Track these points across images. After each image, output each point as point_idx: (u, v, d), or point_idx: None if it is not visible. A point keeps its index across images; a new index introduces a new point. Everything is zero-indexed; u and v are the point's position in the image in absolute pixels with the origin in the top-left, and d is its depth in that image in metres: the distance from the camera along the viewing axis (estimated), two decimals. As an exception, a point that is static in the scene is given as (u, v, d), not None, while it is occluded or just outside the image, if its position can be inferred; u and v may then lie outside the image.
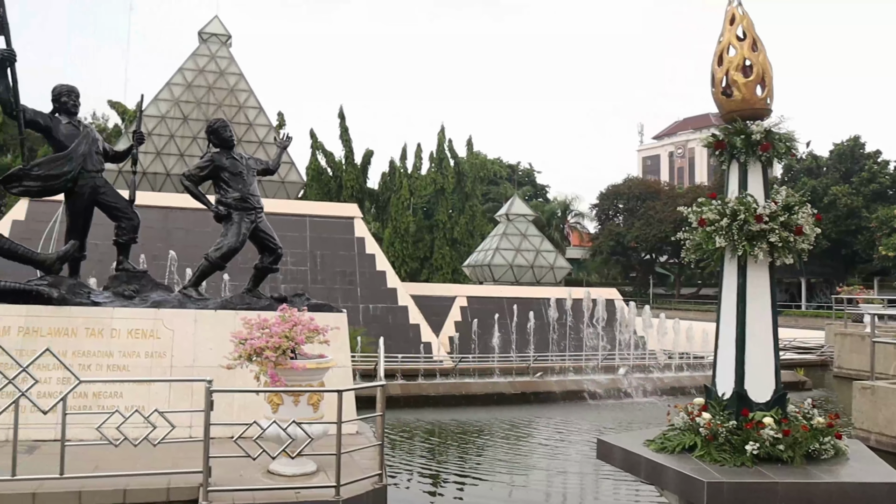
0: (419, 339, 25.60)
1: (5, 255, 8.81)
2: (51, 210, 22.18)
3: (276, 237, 9.46)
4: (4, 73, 8.63)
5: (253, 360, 6.44)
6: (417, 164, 56.07)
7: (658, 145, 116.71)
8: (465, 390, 19.03)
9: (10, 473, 6.04)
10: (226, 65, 34.51)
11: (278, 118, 51.39)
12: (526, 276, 37.90)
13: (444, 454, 13.66)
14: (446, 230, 54.24)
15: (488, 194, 67.31)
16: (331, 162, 54.30)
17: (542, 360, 24.30)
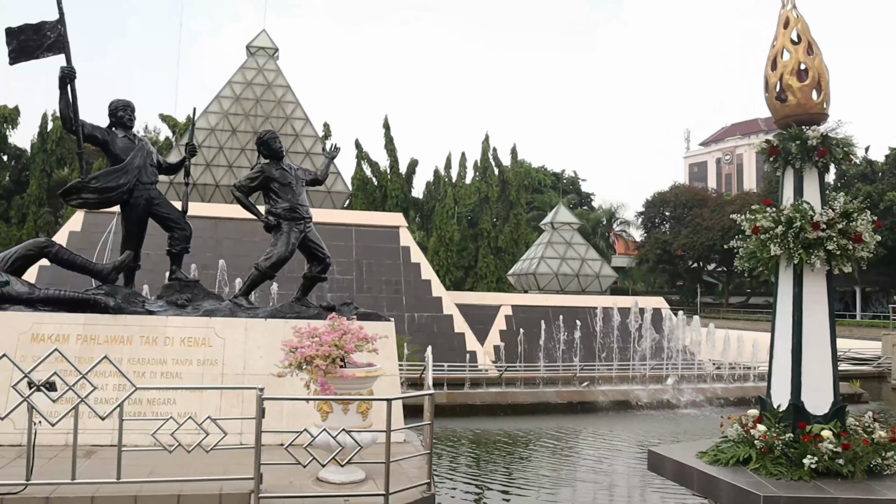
0: (464, 348, 25.57)
1: (65, 265, 9.09)
2: (105, 221, 22.78)
3: (324, 247, 9.55)
4: (65, 89, 8.92)
5: (303, 368, 6.50)
6: (462, 173, 56.20)
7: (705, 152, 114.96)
8: (510, 399, 18.93)
9: (70, 477, 6.19)
10: (273, 77, 35.08)
11: (324, 129, 52.05)
12: (571, 284, 37.65)
13: (490, 464, 13.58)
14: (491, 239, 54.21)
15: (533, 203, 67.05)
16: (376, 171, 54.75)
17: (588, 369, 24.05)
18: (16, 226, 48.76)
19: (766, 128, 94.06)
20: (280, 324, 8.74)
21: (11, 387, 6.27)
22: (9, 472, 6.63)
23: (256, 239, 25.15)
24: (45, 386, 6.19)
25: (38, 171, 49.68)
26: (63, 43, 9.02)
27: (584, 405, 19.28)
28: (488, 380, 22.00)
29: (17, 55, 8.96)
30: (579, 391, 20.23)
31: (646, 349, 24.49)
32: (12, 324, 8.33)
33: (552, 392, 19.78)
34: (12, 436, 7.53)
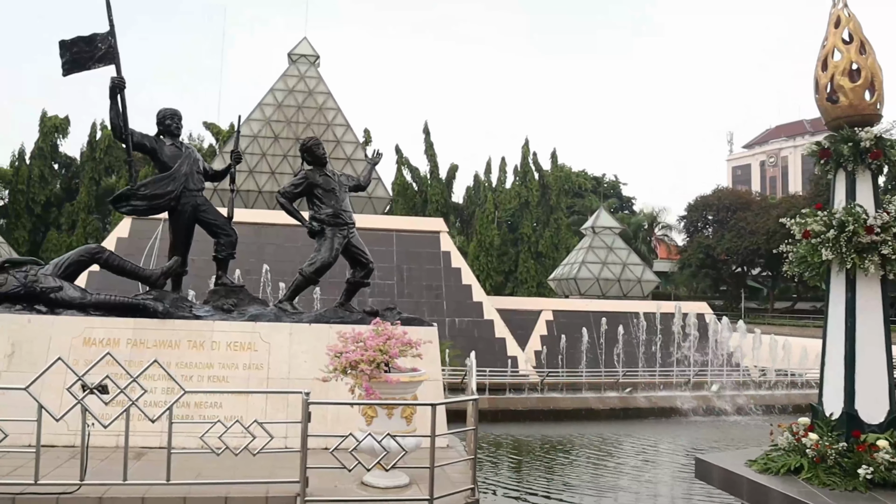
0: (505, 353, 25.50)
1: (115, 270, 9.29)
2: (152, 228, 23.26)
3: (367, 252, 9.61)
4: (115, 99, 9.13)
5: (348, 373, 6.54)
6: (502, 178, 56.13)
7: (748, 154, 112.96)
8: (552, 405, 18.84)
9: (122, 478, 6.31)
10: (314, 84, 35.46)
11: (365, 135, 52.43)
12: (612, 289, 37.30)
13: (531, 470, 13.51)
14: (531, 243, 54.03)
15: (573, 207, 66.62)
16: (416, 177, 54.97)
17: (630, 375, 23.81)
18: (66, 232, 50.01)
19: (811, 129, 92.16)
20: (324, 328, 8.80)
21: (66, 389, 6.42)
22: (63, 472, 6.78)
23: (298, 244, 25.46)
24: (98, 389, 6.33)
25: (87, 179, 50.91)
26: (113, 54, 9.23)
27: (627, 411, 19.10)
28: (529, 385, 21.92)
29: (70, 66, 9.20)
30: (622, 397, 20.04)
31: (689, 355, 24.14)
32: (66, 328, 8.54)
33: (594, 398, 19.63)
34: (66, 437, 7.68)
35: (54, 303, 8.69)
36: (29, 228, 50.46)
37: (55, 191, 52.64)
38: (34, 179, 50.69)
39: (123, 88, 9.18)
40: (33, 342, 8.45)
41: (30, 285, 8.70)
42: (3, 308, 8.61)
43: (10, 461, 6.87)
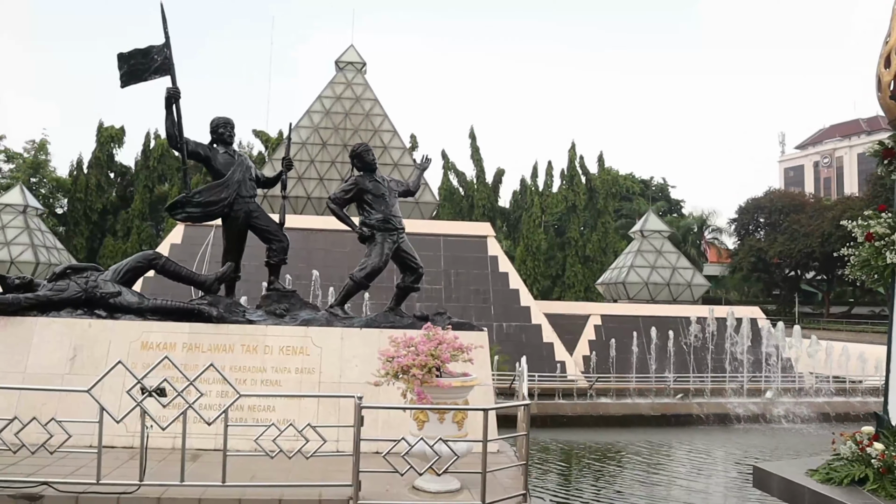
0: (553, 358, 25.32)
1: (171, 276, 9.51)
2: (204, 234, 23.74)
3: (417, 257, 9.65)
4: (170, 109, 9.34)
5: (400, 377, 6.57)
6: (548, 182, 55.85)
7: (801, 155, 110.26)
8: (602, 411, 18.66)
9: (179, 479, 6.43)
10: (361, 91, 35.80)
11: (411, 140, 52.71)
12: (662, 293, 36.76)
13: (581, 477, 13.38)
14: (578, 247, 53.63)
15: (621, 210, 65.93)
16: (462, 181, 55.05)
17: (681, 381, 23.42)
18: (121, 239, 51.31)
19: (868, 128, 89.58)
20: (375, 333, 8.87)
21: (126, 392, 6.57)
22: (123, 472, 6.95)
23: (346, 249, 25.72)
24: (157, 392, 6.47)
25: (142, 187, 52.20)
26: (169, 65, 9.44)
27: (679, 418, 18.80)
28: (578, 390, 21.74)
29: (127, 78, 9.44)
30: (673, 403, 19.75)
31: (743, 360, 23.66)
32: (124, 332, 8.77)
33: (645, 404, 19.37)
34: (124, 438, 7.87)
35: (113, 308, 8.93)
36: (86, 235, 51.91)
37: (111, 199, 54.06)
38: (91, 188, 52.15)
39: (178, 98, 9.39)
40: (94, 346, 8.69)
41: (90, 291, 8.95)
42: (66, 313, 8.88)
43: (73, 461, 7.07)
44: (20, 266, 33.80)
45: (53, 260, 35.98)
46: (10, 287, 8.99)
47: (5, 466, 6.99)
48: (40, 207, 40.32)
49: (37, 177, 55.79)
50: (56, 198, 56.65)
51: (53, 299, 8.91)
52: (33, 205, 38.17)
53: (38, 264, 34.73)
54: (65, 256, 37.64)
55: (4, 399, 7.99)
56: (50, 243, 37.50)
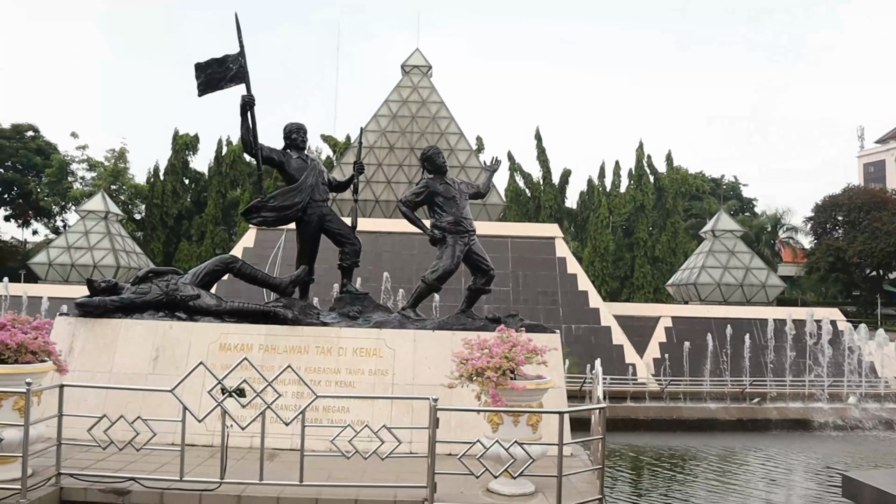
0: (623, 360, 24.99)
1: (247, 279, 9.74)
2: (275, 238, 24.27)
3: (488, 259, 9.64)
4: (246, 116, 9.57)
5: (474, 379, 6.56)
6: (616, 182, 55.09)
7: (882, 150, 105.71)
8: (675, 415, 18.29)
9: (258, 478, 6.58)
10: (427, 94, 36.03)
11: (477, 142, 52.75)
12: (735, 295, 35.79)
13: (654, 483, 13.12)
14: (647, 248, 52.73)
15: (690, 210, 64.50)
16: (529, 183, 54.81)
17: (758, 385, 22.76)
18: (196, 243, 52.88)
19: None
20: (447, 335, 8.90)
21: (207, 392, 6.76)
22: (204, 470, 7.15)
23: (414, 251, 25.94)
24: (236, 392, 6.64)
25: (215, 193, 53.69)
26: (243, 73, 9.69)
27: (756, 423, 18.28)
28: (649, 393, 21.36)
29: (204, 87, 9.73)
30: (749, 408, 19.21)
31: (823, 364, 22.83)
32: (203, 334, 9.03)
33: (720, 408, 18.90)
34: (204, 437, 8.08)
35: (193, 310, 9.20)
36: (163, 240, 53.69)
37: (186, 204, 55.76)
38: (167, 194, 53.92)
39: (253, 105, 9.62)
40: (175, 347, 8.97)
41: (171, 293, 9.25)
42: (148, 315, 9.19)
43: (156, 458, 7.30)
44: (102, 270, 35.19)
45: (133, 264, 37.35)
46: (96, 290, 9.37)
47: (95, 462, 7.28)
48: (120, 213, 41.90)
49: (117, 184, 57.95)
50: (134, 204, 58.75)
51: (137, 302, 9.24)
52: (114, 211, 39.71)
53: (119, 268, 36.09)
54: (143, 260, 39.02)
55: (93, 397, 8.33)
56: (129, 248, 38.94)
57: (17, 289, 29.88)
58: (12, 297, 27.42)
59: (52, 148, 64.77)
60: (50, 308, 25.91)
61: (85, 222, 38.07)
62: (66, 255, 36.25)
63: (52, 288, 31.46)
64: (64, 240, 37.76)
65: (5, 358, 6.75)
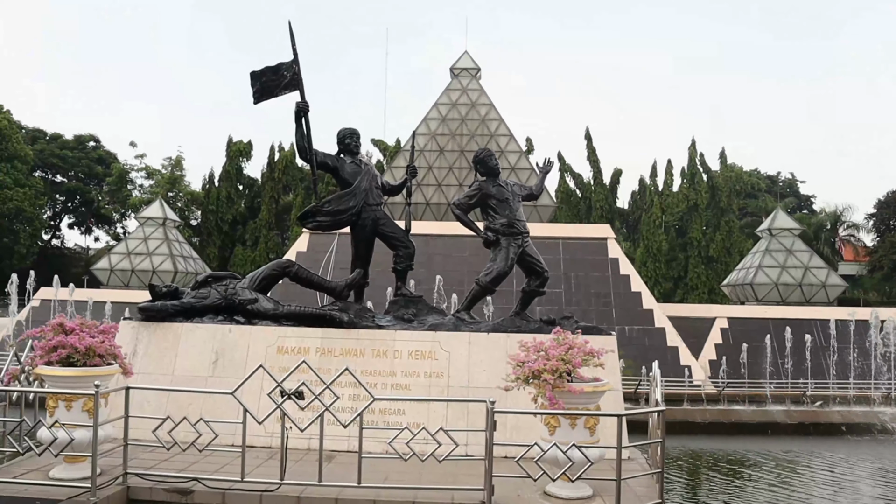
0: (678, 363, 24.60)
1: (303, 283, 9.89)
2: (328, 242, 24.58)
3: (542, 261, 9.59)
4: (300, 122, 9.72)
5: (531, 382, 6.55)
6: (668, 181, 54.25)
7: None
8: (733, 418, 17.93)
9: (317, 479, 6.67)
10: (476, 97, 36.07)
11: (527, 144, 52.52)
12: (793, 295, 34.90)
13: (712, 488, 12.86)
14: (701, 248, 51.77)
15: (745, 208, 63.17)
16: (579, 183, 54.38)
17: (820, 387, 22.14)
18: (250, 248, 53.82)
19: None
20: (502, 338, 8.89)
21: (267, 395, 6.88)
22: (263, 471, 7.26)
23: (465, 254, 25.97)
24: (295, 395, 6.74)
25: (268, 198, 54.57)
26: (298, 80, 9.83)
27: (818, 427, 17.78)
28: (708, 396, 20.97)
29: (259, 95, 9.90)
30: (812, 411, 18.72)
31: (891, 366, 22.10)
32: (261, 337, 9.19)
33: (780, 411, 18.46)
34: (263, 438, 8.23)
35: (251, 314, 9.37)
36: (218, 245, 54.80)
37: (240, 210, 56.81)
38: (222, 200, 55.03)
39: (307, 112, 9.76)
40: (234, 350, 9.15)
41: (230, 298, 9.44)
42: (208, 319, 9.39)
43: (217, 458, 7.46)
44: (160, 275, 36.11)
45: (190, 269, 38.23)
46: (158, 295, 9.62)
47: (159, 462, 7.48)
48: (177, 220, 42.95)
49: (174, 191, 59.42)
50: (191, 210, 60.15)
51: (196, 306, 9.46)
52: (171, 217, 40.72)
53: (177, 273, 36.97)
54: (200, 265, 39.91)
55: (155, 399, 8.54)
56: (186, 253, 39.88)
57: (82, 294, 30.85)
58: (78, 302, 28.32)
59: (112, 157, 66.85)
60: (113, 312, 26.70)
61: (144, 229, 39.13)
62: (126, 261, 37.29)
63: (114, 293, 32.42)
64: (124, 246, 38.86)
65: (74, 361, 6.98)
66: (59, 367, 6.93)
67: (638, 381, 18.94)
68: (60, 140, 66.17)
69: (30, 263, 51.30)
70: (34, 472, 7.05)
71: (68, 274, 48.44)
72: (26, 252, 56.45)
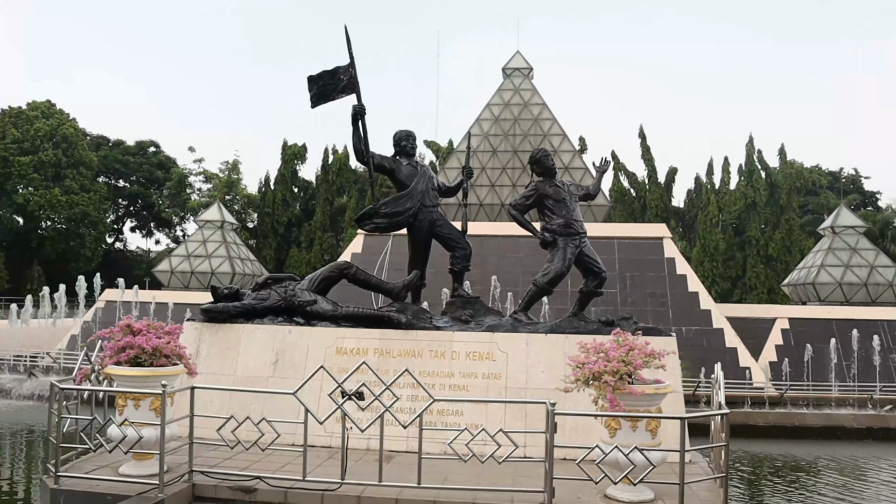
0: (737, 364, 24.07)
1: (361, 284, 9.98)
2: (382, 243, 24.77)
3: (599, 261, 9.51)
4: (357, 125, 9.81)
5: (591, 384, 6.49)
6: (725, 179, 53.20)
7: None
8: (796, 421, 17.48)
9: (377, 479, 6.73)
10: (529, 96, 35.93)
11: (580, 143, 52.08)
12: (858, 294, 33.81)
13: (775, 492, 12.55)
14: (760, 247, 50.59)
15: (806, 206, 61.49)
16: (633, 182, 53.73)
17: (890, 390, 21.40)
18: (305, 249, 54.61)
19: None
20: (560, 339, 8.83)
21: (328, 395, 6.96)
22: (324, 470, 7.35)
23: (519, 254, 25.89)
24: (356, 395, 6.82)
25: (322, 200, 55.32)
26: (354, 84, 9.93)
27: (888, 432, 17.18)
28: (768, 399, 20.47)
29: (317, 99, 10.04)
30: (881, 416, 18.09)
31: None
32: (320, 338, 9.31)
33: (847, 415, 17.91)
34: (322, 438, 8.31)
35: (310, 315, 9.50)
36: (274, 247, 55.76)
37: (295, 212, 57.73)
38: (278, 203, 56.00)
39: (364, 115, 9.85)
40: (294, 351, 9.29)
41: (289, 299, 9.59)
42: (268, 320, 9.55)
43: (278, 457, 7.59)
44: (219, 276, 36.88)
45: (247, 271, 38.97)
46: (219, 297, 9.82)
47: (222, 460, 7.64)
48: (235, 222, 43.83)
49: (231, 194, 60.65)
50: (247, 213, 61.31)
51: (257, 307, 9.63)
52: (229, 220, 41.58)
53: (234, 274, 37.72)
54: (257, 267, 40.65)
55: (218, 399, 8.73)
56: (244, 255, 40.66)
57: (146, 295, 31.75)
58: (141, 303, 29.15)
59: (171, 162, 68.60)
60: (174, 313, 27.40)
61: (203, 231, 40.03)
62: (186, 263, 38.20)
63: (176, 294, 33.26)
64: (184, 249, 39.81)
65: (142, 361, 7.18)
66: (128, 367, 7.13)
67: (696, 383, 18.61)
68: (123, 146, 68.20)
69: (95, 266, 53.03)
70: (105, 469, 7.28)
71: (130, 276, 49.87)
72: (91, 255, 58.37)
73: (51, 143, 55.57)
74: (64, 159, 55.96)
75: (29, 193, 54.40)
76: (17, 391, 19.87)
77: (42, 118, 56.02)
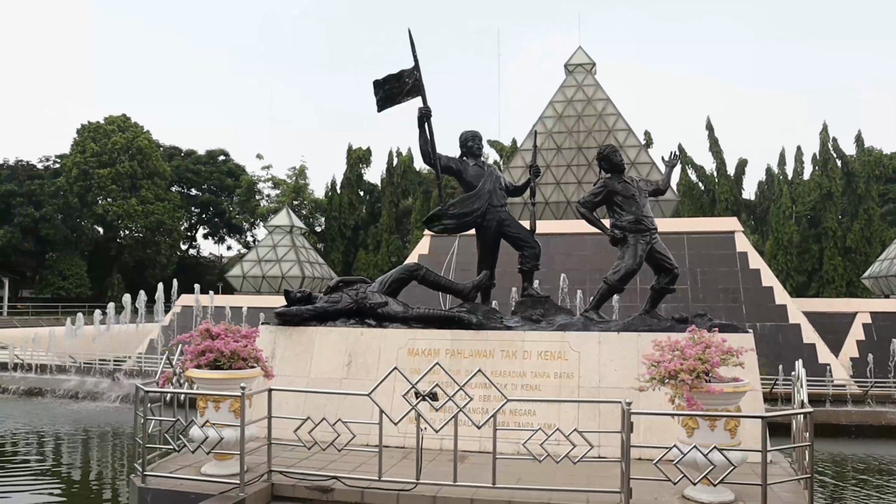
0: (815, 361, 23.23)
1: (430, 285, 10.05)
2: (449, 244, 24.86)
3: (671, 257, 9.33)
4: (423, 127, 9.88)
5: (667, 382, 6.38)
6: (798, 169, 51.52)
7: None
8: (883, 420, 16.76)
9: (452, 479, 6.76)
10: (592, 92, 35.50)
11: (645, 137, 51.23)
12: (948, 286, 32.35)
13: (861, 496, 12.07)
14: (837, 238, 48.78)
15: (887, 194, 58.99)
16: (702, 176, 52.57)
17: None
18: (372, 252, 55.27)
19: None
20: (633, 337, 8.70)
21: (402, 396, 7.03)
22: (398, 470, 7.43)
23: (586, 252, 25.62)
24: (429, 396, 6.87)
25: (388, 203, 55.89)
26: (419, 86, 10.01)
27: None
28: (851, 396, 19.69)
29: (383, 102, 10.15)
30: (976, 415, 17.21)
31: None
32: (392, 339, 9.40)
33: (940, 414, 17.08)
34: (396, 438, 8.41)
35: (381, 317, 9.61)
36: (342, 250, 56.60)
37: (361, 215, 58.51)
38: (344, 206, 56.84)
39: (430, 117, 9.91)
40: (366, 353, 9.41)
41: (360, 301, 9.72)
42: (340, 322, 9.71)
43: (353, 458, 7.69)
44: (289, 280, 37.64)
45: (316, 274, 39.64)
46: (292, 300, 10.02)
47: (299, 460, 7.80)
48: (303, 227, 44.66)
49: (298, 199, 61.85)
50: (315, 217, 62.43)
51: (329, 310, 9.79)
52: (297, 225, 42.40)
53: (304, 278, 38.42)
54: (325, 270, 41.32)
55: (293, 400, 8.91)
56: (313, 259, 41.40)
57: (220, 300, 32.64)
58: (216, 308, 29.98)
59: (240, 169, 70.43)
60: (248, 317, 28.08)
61: (272, 237, 40.91)
62: (257, 268, 39.10)
63: (249, 298, 34.09)
64: (255, 254, 40.76)
65: (221, 364, 7.40)
66: (207, 370, 7.35)
67: (774, 381, 18.06)
68: (194, 156, 70.33)
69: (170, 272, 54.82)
70: (188, 468, 7.52)
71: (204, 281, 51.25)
72: (167, 262, 60.40)
73: (127, 156, 57.71)
74: (139, 170, 58.06)
75: (108, 204, 56.66)
76: (109, 394, 20.59)
77: (118, 131, 58.22)
